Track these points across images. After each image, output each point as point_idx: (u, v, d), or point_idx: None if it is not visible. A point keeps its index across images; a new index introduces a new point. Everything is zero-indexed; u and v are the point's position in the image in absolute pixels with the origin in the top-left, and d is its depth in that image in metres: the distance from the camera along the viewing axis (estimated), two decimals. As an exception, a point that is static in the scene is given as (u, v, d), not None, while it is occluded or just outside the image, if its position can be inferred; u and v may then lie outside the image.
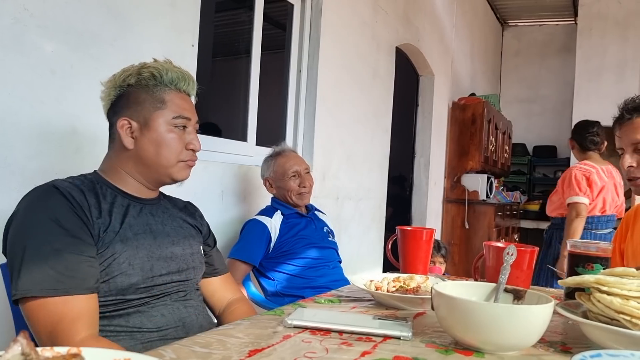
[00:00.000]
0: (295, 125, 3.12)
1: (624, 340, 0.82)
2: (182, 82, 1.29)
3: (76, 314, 1.03)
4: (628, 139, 1.51)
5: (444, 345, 0.86)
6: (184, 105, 1.28)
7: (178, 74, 1.28)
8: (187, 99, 1.31)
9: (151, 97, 1.25)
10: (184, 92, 1.30)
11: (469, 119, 5.64)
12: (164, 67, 1.26)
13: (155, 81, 1.25)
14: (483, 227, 5.48)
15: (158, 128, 1.24)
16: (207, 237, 1.47)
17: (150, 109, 1.24)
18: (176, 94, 1.28)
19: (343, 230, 3.45)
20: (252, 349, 0.80)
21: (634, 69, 5.20)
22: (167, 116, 1.25)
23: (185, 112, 1.28)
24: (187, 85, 1.30)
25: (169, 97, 1.26)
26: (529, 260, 1.19)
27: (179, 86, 1.28)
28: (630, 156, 1.51)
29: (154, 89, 1.25)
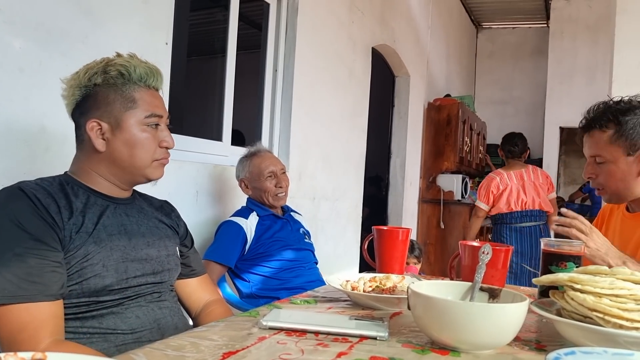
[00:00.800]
0: (271, 125, 3.10)
1: (597, 337, 0.83)
2: (151, 77, 1.25)
3: (39, 321, 0.99)
4: (587, 151, 1.56)
5: (420, 344, 0.86)
6: (155, 102, 1.25)
7: (146, 70, 1.24)
8: (157, 96, 1.27)
9: (121, 96, 1.21)
10: (153, 88, 1.27)
11: (444, 119, 5.70)
12: (131, 64, 1.22)
13: (124, 79, 1.21)
14: (458, 226, 5.54)
15: (131, 129, 1.21)
16: (185, 237, 1.45)
17: (121, 109, 1.20)
18: (146, 91, 1.24)
19: (319, 231, 3.44)
20: (226, 352, 0.78)
21: (604, 72, 5.31)
22: (139, 115, 1.22)
23: (157, 109, 1.25)
24: (156, 81, 1.27)
25: (139, 95, 1.22)
26: (503, 259, 1.19)
27: (148, 82, 1.25)
28: (591, 167, 1.56)
29: (123, 87, 1.21)
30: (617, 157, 1.49)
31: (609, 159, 1.50)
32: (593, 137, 1.53)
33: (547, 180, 4.10)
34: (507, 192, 3.99)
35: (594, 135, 1.52)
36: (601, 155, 1.52)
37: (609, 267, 0.93)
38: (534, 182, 4.03)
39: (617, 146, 1.49)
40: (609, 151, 1.50)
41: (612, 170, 1.51)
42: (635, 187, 1.51)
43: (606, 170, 1.52)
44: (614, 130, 1.49)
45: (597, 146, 1.52)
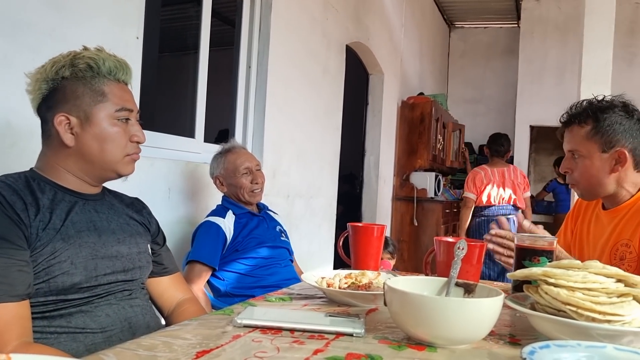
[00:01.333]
0: (245, 122, 3.07)
1: (570, 330, 0.83)
2: (121, 71, 1.22)
3: (5, 323, 0.96)
4: (566, 145, 1.59)
5: (396, 340, 0.86)
6: (125, 96, 1.22)
7: (115, 63, 1.21)
8: (126, 89, 1.25)
9: (90, 90, 1.18)
10: (122, 81, 1.24)
11: (418, 117, 5.74)
12: (100, 57, 1.19)
13: (93, 72, 1.18)
14: (431, 224, 5.59)
15: (101, 123, 1.18)
16: (156, 235, 1.42)
17: (90, 103, 1.17)
18: (115, 84, 1.21)
19: (294, 229, 3.43)
20: (199, 350, 0.77)
21: (573, 72, 5.43)
22: (109, 109, 1.19)
23: (127, 103, 1.22)
24: (126, 75, 1.24)
25: (108, 88, 1.19)
26: (478, 254, 1.20)
27: (118, 76, 1.22)
28: (567, 162, 1.59)
29: (91, 81, 1.18)
30: (592, 153, 1.52)
31: (585, 154, 1.53)
32: (572, 132, 1.56)
33: (524, 180, 4.53)
34: (490, 187, 4.43)
35: (573, 130, 1.56)
36: (578, 150, 1.54)
37: None
38: (512, 181, 4.43)
39: (593, 142, 1.51)
40: (585, 146, 1.52)
41: (587, 165, 1.54)
42: (607, 183, 1.54)
43: (581, 165, 1.55)
44: (591, 126, 1.51)
45: (575, 141, 1.55)
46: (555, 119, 3.75)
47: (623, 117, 1.51)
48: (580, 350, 0.73)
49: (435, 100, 5.92)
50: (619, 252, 1.54)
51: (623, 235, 1.54)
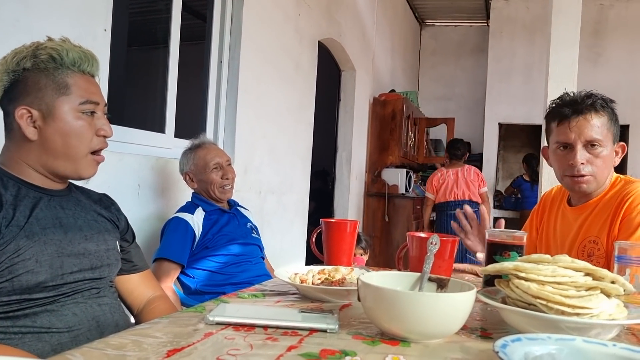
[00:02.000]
0: (216, 117, 3.04)
1: (540, 323, 0.85)
2: (86, 62, 1.18)
3: None
4: (582, 135, 1.48)
5: (370, 336, 0.86)
6: (91, 88, 1.19)
7: (80, 54, 1.17)
8: (92, 82, 1.21)
9: (52, 82, 1.14)
10: (88, 73, 1.19)
11: (389, 114, 5.78)
12: (64, 47, 1.15)
13: (56, 64, 1.14)
14: (402, 219, 5.63)
15: (64, 116, 1.14)
16: (125, 232, 1.39)
17: (53, 96, 1.13)
18: (80, 76, 1.17)
19: (266, 225, 3.41)
20: (170, 349, 0.75)
21: (540, 71, 5.54)
22: (73, 102, 1.15)
23: (93, 96, 1.18)
24: (91, 66, 1.20)
25: (72, 80, 1.15)
26: (450, 249, 1.21)
27: (83, 68, 1.18)
28: (582, 153, 1.49)
29: (54, 72, 1.14)
30: (608, 143, 1.50)
31: (604, 144, 1.49)
32: (592, 120, 1.47)
33: (477, 177, 5.14)
34: (444, 185, 5.12)
35: (593, 119, 1.47)
36: (599, 140, 1.48)
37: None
38: (465, 179, 5.09)
39: (610, 133, 1.50)
40: (606, 136, 1.49)
41: (605, 156, 1.50)
42: (607, 175, 1.54)
43: (601, 156, 1.49)
44: (607, 116, 1.49)
45: (598, 129, 1.47)
46: (523, 116, 3.88)
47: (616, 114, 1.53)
48: (550, 343, 0.74)
49: (406, 97, 5.97)
50: (586, 249, 1.55)
51: (590, 231, 1.55)
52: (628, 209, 1.47)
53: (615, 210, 1.50)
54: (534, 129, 7.07)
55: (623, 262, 1.01)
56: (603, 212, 1.53)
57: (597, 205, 1.56)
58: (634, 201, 1.47)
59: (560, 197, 1.74)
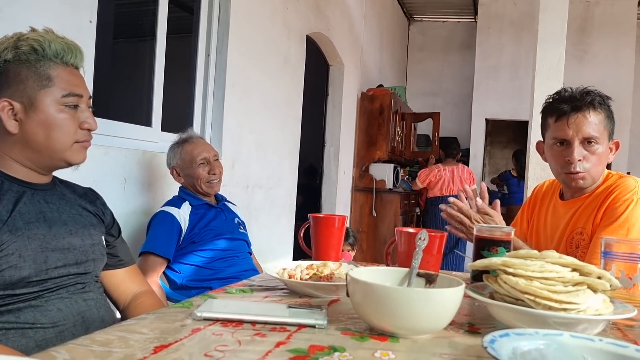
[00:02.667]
0: (203, 111, 3.02)
1: (528, 319, 0.85)
2: (69, 54, 1.15)
3: None
4: (580, 132, 1.49)
5: (359, 331, 0.85)
6: (74, 80, 1.16)
7: (63, 45, 1.14)
8: (76, 74, 1.18)
9: (34, 73, 1.11)
10: (71, 65, 1.17)
11: (377, 109, 5.78)
12: (46, 39, 1.12)
13: (37, 55, 1.12)
14: (390, 214, 5.65)
15: (46, 109, 1.12)
16: (111, 226, 1.37)
17: (34, 88, 1.11)
18: (63, 68, 1.15)
19: (253, 220, 3.40)
20: (157, 345, 0.74)
21: (527, 67, 5.58)
22: (56, 94, 1.13)
23: (76, 88, 1.16)
24: (75, 58, 1.17)
25: (55, 72, 1.13)
26: (438, 245, 1.21)
27: (66, 59, 1.15)
28: (579, 149, 1.50)
29: (36, 64, 1.11)
30: (604, 140, 1.51)
31: (601, 141, 1.50)
32: (588, 117, 1.48)
33: (470, 176, 5.73)
34: (441, 181, 5.60)
35: (589, 116, 1.48)
36: (596, 137, 1.49)
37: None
38: (460, 176, 5.61)
39: (606, 130, 1.51)
40: (603, 133, 1.50)
41: (601, 153, 1.51)
42: (601, 171, 1.56)
43: (597, 153, 1.51)
44: (604, 114, 1.50)
45: (595, 127, 1.48)
46: (510, 112, 3.90)
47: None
48: (538, 338, 0.75)
49: (394, 92, 5.97)
50: (574, 241, 1.57)
51: (578, 224, 1.57)
52: (614, 199, 1.50)
53: (602, 202, 1.53)
54: (520, 125, 7.12)
55: (609, 258, 1.02)
56: (591, 205, 1.56)
57: (586, 199, 1.58)
58: (620, 193, 1.50)
59: (552, 190, 1.75)
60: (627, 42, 7.24)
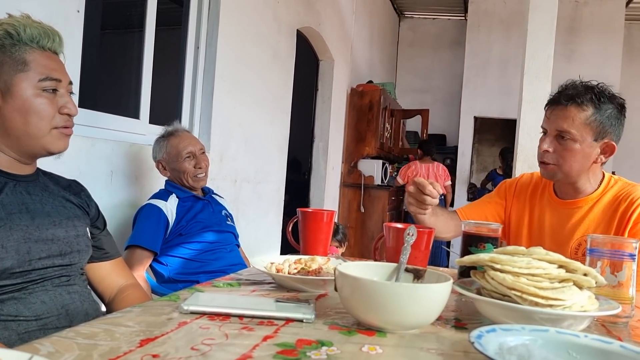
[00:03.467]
0: (192, 104, 2.99)
1: (515, 315, 0.86)
2: (46, 38, 1.13)
3: None
4: (555, 124, 1.51)
5: (346, 326, 0.85)
6: (51, 65, 1.14)
7: (39, 30, 1.13)
8: (54, 58, 1.16)
9: (10, 58, 1.09)
10: (49, 50, 1.15)
11: (367, 105, 5.78)
12: (21, 23, 1.11)
13: (12, 40, 1.10)
14: (378, 210, 5.66)
15: (23, 93, 1.10)
16: (96, 219, 1.35)
17: (10, 73, 1.09)
18: (40, 52, 1.13)
19: (241, 214, 3.39)
20: (143, 338, 0.73)
21: (516, 66, 5.62)
22: (32, 79, 1.11)
23: (54, 72, 1.14)
24: (53, 42, 1.15)
25: (31, 57, 1.11)
26: (426, 240, 1.21)
27: (42, 44, 1.13)
28: (550, 141, 1.52)
29: (11, 49, 1.10)
30: (585, 138, 1.49)
31: (577, 137, 1.48)
32: (568, 112, 1.48)
33: (444, 172, 6.16)
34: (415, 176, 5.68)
35: (570, 111, 1.48)
36: (570, 132, 1.48)
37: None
38: (434, 172, 6.02)
39: (590, 128, 1.48)
40: (581, 130, 1.48)
41: (575, 149, 1.49)
42: (586, 172, 1.54)
43: (568, 148, 1.50)
44: (592, 111, 1.48)
45: (571, 122, 1.48)
46: (498, 110, 3.92)
47: (618, 112, 1.50)
48: (524, 334, 0.75)
49: (384, 88, 5.98)
50: (581, 248, 1.54)
51: (588, 231, 1.53)
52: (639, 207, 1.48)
53: (617, 212, 1.51)
54: (508, 122, 7.16)
55: (595, 255, 1.03)
56: (604, 214, 1.54)
57: (594, 204, 1.56)
58: None
59: (541, 185, 1.71)
60: (615, 43, 7.31)
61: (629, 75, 7.47)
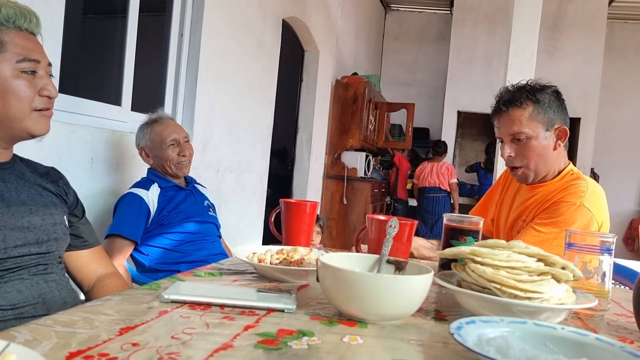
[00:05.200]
0: (175, 92, 2.96)
1: (494, 307, 0.87)
2: (22, 18, 1.11)
3: None
4: (506, 130, 1.58)
5: (327, 316, 0.86)
6: (29, 45, 1.11)
7: (15, 10, 1.10)
8: (32, 39, 1.14)
9: None
10: (26, 30, 1.12)
11: (351, 97, 5.78)
12: None
13: None
14: (360, 202, 5.68)
15: (1, 75, 1.07)
16: (74, 206, 1.33)
17: None
18: (17, 33, 1.10)
19: (223, 204, 3.37)
20: (123, 327, 0.73)
21: (500, 61, 5.66)
22: (10, 60, 1.08)
23: (32, 53, 1.11)
24: (30, 23, 1.13)
25: (8, 37, 1.08)
26: (408, 232, 1.22)
27: (19, 24, 1.11)
28: (509, 146, 1.59)
29: None
30: (538, 132, 1.55)
31: (531, 134, 1.55)
32: (513, 115, 1.56)
33: (448, 171, 6.53)
34: (422, 175, 6.58)
35: (514, 114, 1.55)
36: (522, 132, 1.55)
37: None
38: (437, 172, 6.49)
39: (537, 122, 1.55)
40: (531, 127, 1.55)
41: (534, 146, 1.56)
42: (551, 161, 1.59)
43: (528, 147, 1.56)
44: (532, 107, 1.55)
45: (519, 123, 1.55)
46: (482, 105, 3.88)
47: (555, 98, 1.58)
48: (503, 326, 0.76)
49: (368, 81, 5.98)
50: (517, 227, 1.64)
51: (526, 211, 1.63)
52: (561, 198, 1.54)
53: (551, 197, 1.58)
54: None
55: (573, 250, 1.04)
56: (542, 198, 1.60)
57: (542, 189, 1.63)
58: (569, 195, 1.54)
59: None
60: (597, 41, 7.40)
61: (609, 73, 7.59)
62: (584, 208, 1.50)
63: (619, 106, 7.84)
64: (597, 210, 1.52)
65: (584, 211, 1.50)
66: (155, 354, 0.64)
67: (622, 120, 7.87)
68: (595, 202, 1.53)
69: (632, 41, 7.89)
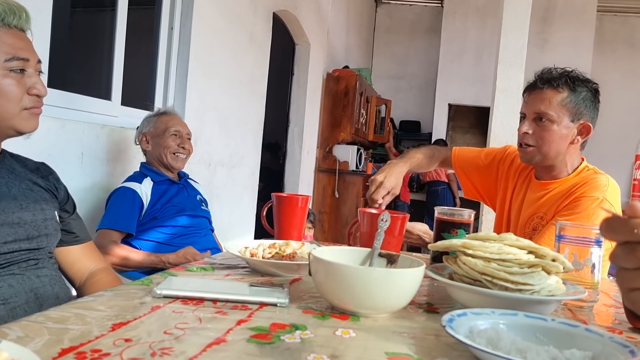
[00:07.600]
0: (166, 85, 2.94)
1: (485, 299, 0.87)
2: (11, 15, 1.09)
3: None
4: (532, 107, 1.57)
5: (320, 310, 0.86)
6: (19, 43, 1.10)
7: (4, 6, 1.08)
8: (21, 36, 1.12)
9: None
10: (15, 27, 1.11)
11: (342, 91, 5.77)
12: None
13: None
14: (352, 196, 5.69)
15: None
16: (65, 202, 1.33)
17: None
18: (6, 30, 1.09)
19: (215, 198, 3.37)
20: (116, 322, 0.73)
21: (490, 54, 5.68)
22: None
23: (21, 51, 1.10)
24: (19, 19, 1.11)
25: None
26: (400, 226, 1.23)
27: (8, 21, 1.09)
28: (529, 124, 1.58)
29: None
30: (562, 119, 1.54)
31: (555, 118, 1.54)
32: (545, 94, 1.55)
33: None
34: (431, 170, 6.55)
35: (547, 93, 1.54)
36: (548, 114, 1.54)
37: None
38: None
39: (566, 110, 1.54)
40: (558, 111, 1.54)
41: (553, 130, 1.55)
42: (563, 152, 1.58)
43: (547, 129, 1.55)
44: (567, 93, 1.54)
45: (548, 104, 1.54)
46: (472, 98, 3.93)
47: (592, 95, 1.57)
48: (494, 318, 0.77)
49: (360, 74, 5.97)
50: (533, 223, 1.61)
51: (542, 208, 1.61)
52: (582, 193, 1.53)
53: (570, 193, 1.56)
54: (482, 110, 7.25)
55: (563, 242, 1.05)
56: (560, 193, 1.59)
57: (557, 185, 1.62)
58: (590, 189, 1.53)
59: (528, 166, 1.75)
60: (587, 34, 7.43)
61: (599, 66, 7.62)
62: (607, 202, 1.50)
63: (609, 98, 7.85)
64: (617, 204, 1.53)
65: (607, 205, 1.50)
66: (148, 349, 0.64)
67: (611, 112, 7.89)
68: (616, 197, 1.53)
69: (621, 33, 7.93)
